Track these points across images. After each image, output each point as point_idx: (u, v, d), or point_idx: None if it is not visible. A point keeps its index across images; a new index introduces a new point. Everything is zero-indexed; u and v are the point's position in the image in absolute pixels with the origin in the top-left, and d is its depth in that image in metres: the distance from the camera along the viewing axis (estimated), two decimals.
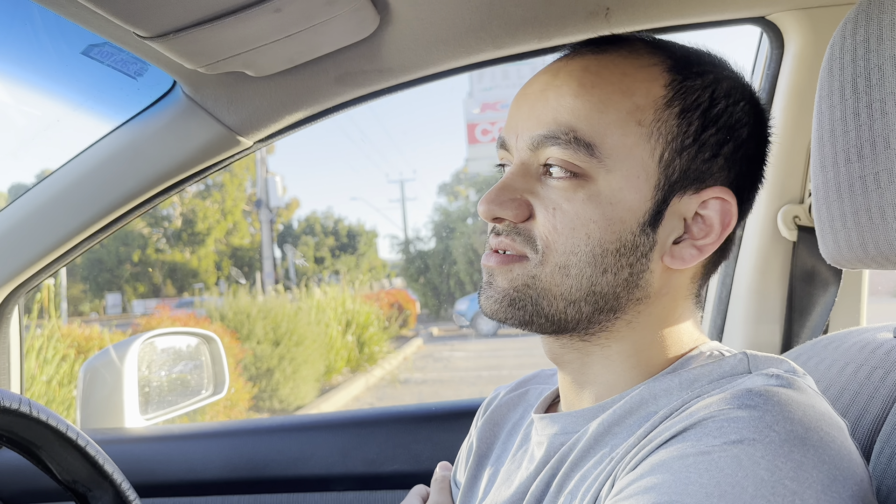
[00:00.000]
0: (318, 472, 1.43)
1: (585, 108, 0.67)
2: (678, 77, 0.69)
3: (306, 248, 22.95)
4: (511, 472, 0.77)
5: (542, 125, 0.69)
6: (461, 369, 10.60)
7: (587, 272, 0.67)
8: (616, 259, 0.67)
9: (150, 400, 1.70)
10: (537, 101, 0.71)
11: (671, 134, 0.68)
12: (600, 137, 0.66)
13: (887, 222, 0.63)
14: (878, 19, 0.62)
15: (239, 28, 0.93)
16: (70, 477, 0.95)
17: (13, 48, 1.58)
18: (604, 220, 0.67)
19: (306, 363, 8.51)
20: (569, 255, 0.67)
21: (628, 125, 0.67)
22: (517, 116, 0.72)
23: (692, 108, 0.68)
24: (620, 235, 0.67)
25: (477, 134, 21.79)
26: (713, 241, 0.69)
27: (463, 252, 17.64)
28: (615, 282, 0.68)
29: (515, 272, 0.69)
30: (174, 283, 20.18)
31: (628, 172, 0.67)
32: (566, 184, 0.67)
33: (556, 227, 0.67)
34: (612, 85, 0.68)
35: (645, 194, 0.67)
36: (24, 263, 1.36)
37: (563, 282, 0.68)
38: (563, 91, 0.69)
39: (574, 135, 0.66)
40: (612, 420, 0.66)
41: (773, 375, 0.60)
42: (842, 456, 0.53)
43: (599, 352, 0.71)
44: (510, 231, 0.70)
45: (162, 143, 1.25)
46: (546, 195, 0.68)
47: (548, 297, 0.68)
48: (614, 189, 0.67)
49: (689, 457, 0.53)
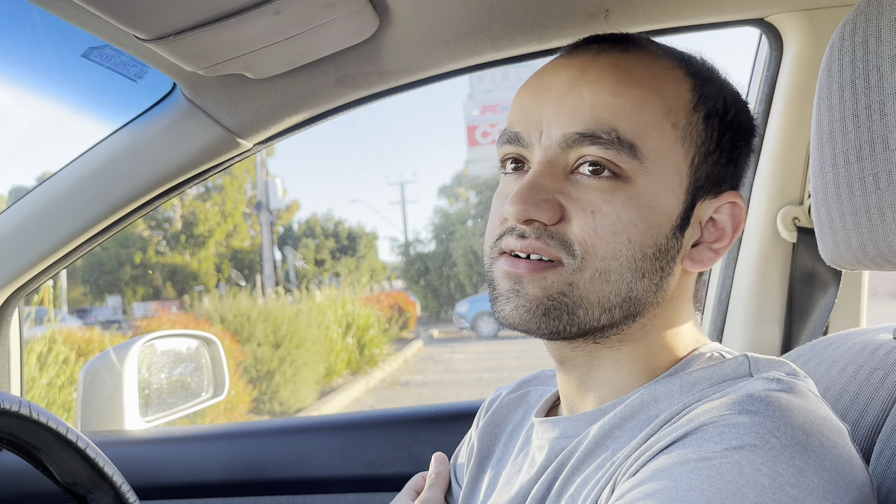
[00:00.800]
0: (318, 474, 1.42)
1: (625, 108, 0.65)
2: (698, 82, 0.70)
3: (306, 250, 22.94)
4: (512, 476, 0.77)
5: (577, 122, 0.65)
6: (461, 371, 10.59)
7: (627, 277, 0.65)
8: (652, 263, 0.66)
9: (150, 402, 1.70)
10: (567, 97, 0.67)
11: (700, 138, 0.68)
12: (641, 138, 0.65)
13: (886, 223, 0.63)
14: (877, 20, 0.62)
15: (239, 30, 0.93)
16: (70, 479, 0.95)
17: (14, 51, 1.59)
18: (644, 223, 0.65)
19: (306, 365, 8.51)
20: (610, 261, 0.65)
21: (664, 127, 0.66)
22: (539, 111, 0.68)
23: (713, 114, 0.69)
24: (657, 239, 0.66)
25: (477, 136, 21.80)
26: (726, 244, 0.70)
27: (463, 254, 17.63)
28: (649, 287, 0.67)
29: (550, 279, 0.65)
30: (174, 285, 20.17)
31: (665, 175, 0.66)
32: (605, 185, 0.65)
33: (596, 230, 0.64)
34: (647, 85, 0.67)
35: (678, 198, 0.67)
36: (25, 266, 1.36)
37: (603, 288, 0.65)
38: (599, 88, 0.66)
39: (616, 134, 0.64)
40: (613, 424, 0.66)
41: (773, 379, 0.60)
42: (843, 461, 0.53)
43: (610, 354, 0.70)
44: (541, 234, 0.66)
45: (162, 146, 1.25)
46: (581, 196, 0.65)
47: (584, 304, 0.65)
48: (652, 191, 0.66)
49: (690, 463, 0.52)
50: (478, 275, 16.70)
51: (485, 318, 13.51)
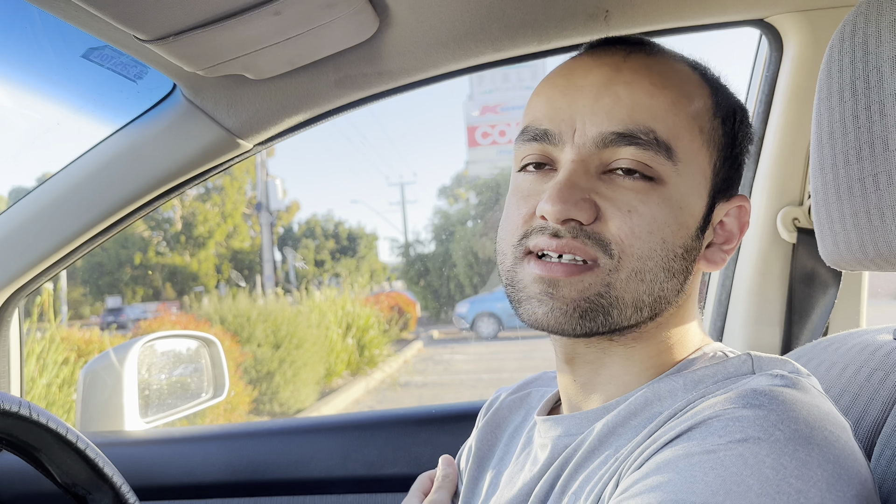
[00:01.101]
0: (318, 475, 1.42)
1: (661, 109, 0.66)
2: (713, 88, 0.71)
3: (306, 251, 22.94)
4: (514, 475, 0.77)
5: (615, 122, 0.65)
6: (461, 372, 10.58)
7: (660, 277, 0.66)
8: (680, 264, 0.67)
9: (149, 403, 1.70)
10: (602, 96, 0.66)
11: (721, 142, 0.70)
12: (675, 140, 0.66)
13: (886, 224, 0.63)
14: (877, 21, 0.63)
15: (238, 31, 0.93)
16: (70, 480, 0.95)
17: (14, 51, 1.59)
18: (676, 223, 0.66)
19: (306, 366, 8.51)
20: (645, 260, 0.65)
21: (693, 130, 0.68)
22: (571, 108, 0.67)
23: (729, 119, 0.71)
24: (685, 240, 0.67)
25: (477, 137, 21.79)
26: (733, 245, 0.72)
27: (463, 255, 17.62)
28: (675, 287, 0.68)
29: (587, 281, 0.65)
30: (174, 286, 20.17)
31: (693, 177, 0.67)
32: (641, 185, 0.65)
33: (633, 230, 0.64)
34: (678, 88, 0.68)
35: (703, 200, 0.69)
36: (25, 266, 1.36)
37: (638, 287, 0.65)
38: (636, 88, 0.66)
39: (654, 135, 0.65)
40: (617, 421, 0.66)
41: (777, 376, 0.60)
42: (846, 455, 0.53)
43: (622, 352, 0.70)
44: (578, 233, 0.65)
45: (162, 146, 1.25)
46: (616, 196, 0.65)
47: (619, 304, 0.65)
48: (683, 193, 0.67)
49: (695, 455, 0.53)
50: (478, 276, 16.68)
51: (485, 319, 13.49)
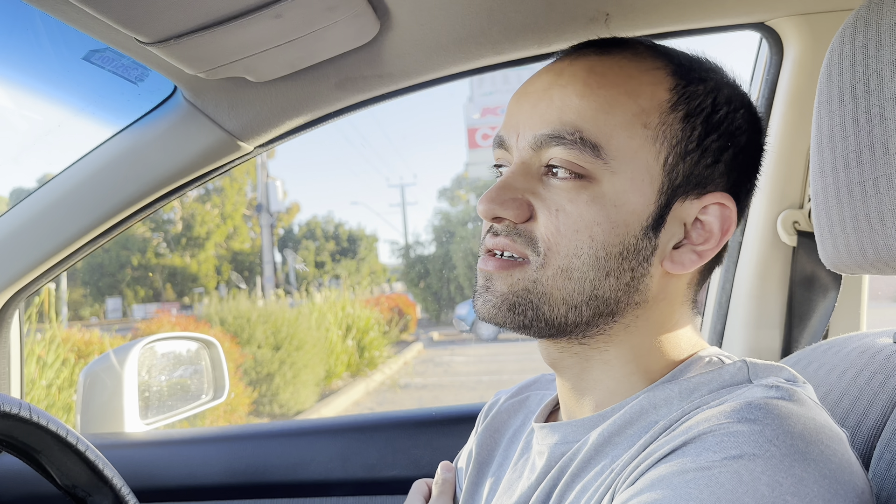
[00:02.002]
0: (317, 477, 1.42)
1: (591, 109, 0.67)
2: (682, 82, 0.69)
3: (307, 252, 22.94)
4: (512, 482, 0.77)
5: (545, 124, 0.68)
6: (461, 374, 10.58)
7: (590, 275, 0.66)
8: (619, 262, 0.67)
9: (150, 404, 1.70)
10: (540, 100, 0.69)
11: (675, 138, 0.68)
12: (606, 138, 0.66)
13: (886, 227, 0.63)
14: (877, 25, 0.63)
15: (239, 34, 0.93)
16: (70, 482, 0.95)
17: (15, 53, 1.59)
18: (608, 222, 0.66)
19: (306, 368, 8.50)
20: (571, 258, 0.66)
21: (634, 127, 0.67)
22: (517, 115, 0.71)
23: (695, 113, 0.69)
24: (624, 239, 0.67)
25: (477, 138, 21.82)
26: (713, 246, 0.69)
27: (463, 256, 17.62)
28: (617, 286, 0.67)
29: (515, 276, 0.68)
30: (174, 287, 20.17)
31: (633, 175, 0.67)
32: (570, 184, 0.66)
33: (559, 228, 0.66)
34: (618, 87, 0.68)
35: (648, 198, 0.67)
36: (25, 268, 1.36)
37: (565, 285, 0.67)
38: (569, 91, 0.68)
39: (580, 135, 0.66)
40: (613, 430, 0.66)
41: (772, 386, 0.60)
42: (842, 469, 0.52)
43: (598, 356, 0.70)
44: (510, 232, 0.68)
45: (162, 148, 1.25)
46: (548, 196, 0.67)
47: (549, 301, 0.67)
48: (619, 191, 0.66)
49: (689, 472, 0.52)
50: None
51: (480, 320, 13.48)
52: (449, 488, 0.90)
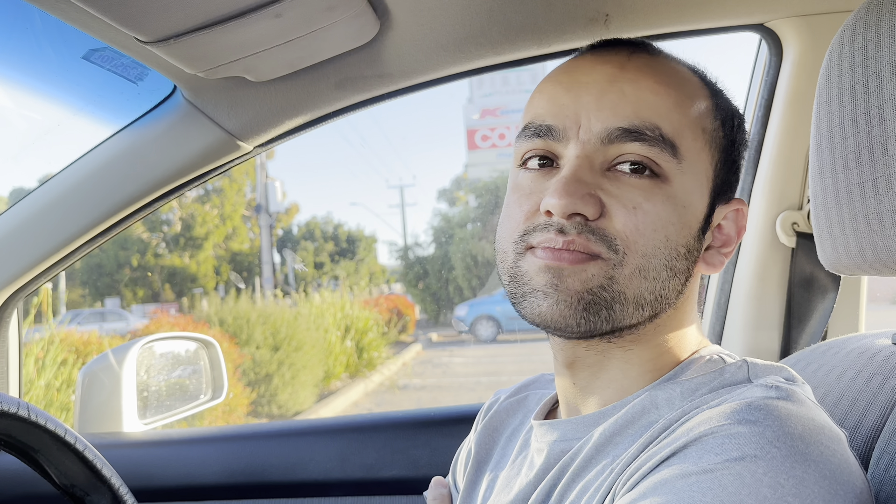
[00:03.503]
0: (316, 477, 1.42)
1: (665, 107, 0.66)
2: (713, 92, 0.72)
3: (306, 253, 22.93)
4: (510, 479, 0.77)
5: (620, 118, 0.65)
6: (460, 375, 10.57)
7: (663, 275, 0.66)
8: (682, 263, 0.67)
9: (148, 404, 1.70)
10: (608, 92, 0.66)
11: (721, 144, 0.70)
12: (679, 138, 0.66)
13: (885, 229, 0.63)
14: (877, 26, 0.63)
15: (239, 33, 0.93)
16: (68, 481, 0.94)
17: (14, 52, 1.59)
18: (679, 222, 0.66)
19: (305, 368, 8.50)
20: (649, 258, 0.65)
21: (696, 129, 0.68)
22: (574, 105, 0.67)
23: (727, 123, 0.71)
24: (687, 240, 0.67)
25: (477, 140, 21.80)
26: (731, 248, 0.72)
27: (462, 258, 17.61)
28: (676, 286, 0.68)
29: (590, 272, 0.64)
30: (173, 287, 20.15)
31: (696, 176, 0.67)
32: (646, 182, 0.65)
33: (637, 226, 0.64)
34: (681, 88, 0.68)
35: (704, 200, 0.69)
36: (24, 267, 1.36)
37: (640, 284, 0.65)
38: (641, 85, 0.66)
39: (660, 132, 0.65)
40: (614, 429, 0.66)
41: (772, 386, 0.60)
42: (842, 469, 0.53)
43: (621, 355, 0.69)
44: (583, 229, 0.64)
45: (162, 148, 1.25)
46: (620, 192, 0.65)
47: (621, 300, 0.65)
48: (686, 191, 0.67)
49: (692, 475, 0.52)
50: (477, 279, 16.68)
51: (483, 322, 13.49)
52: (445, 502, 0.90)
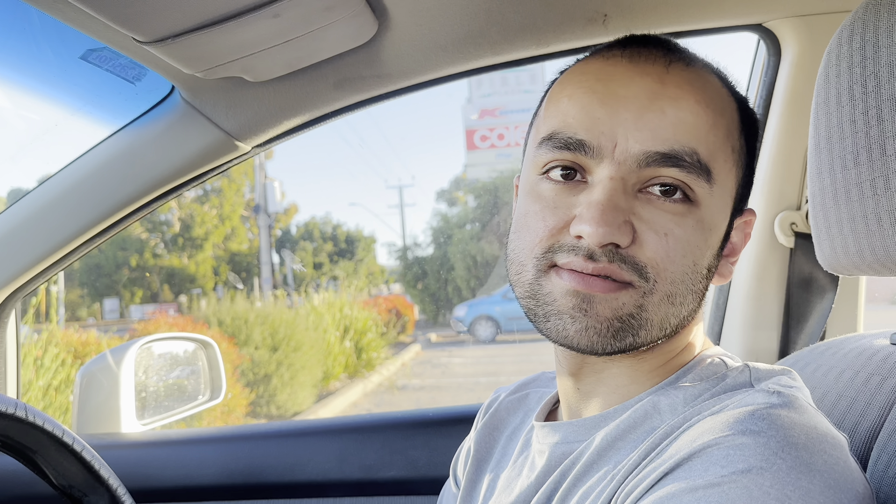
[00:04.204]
0: (314, 478, 1.42)
1: (703, 129, 0.63)
2: (739, 102, 0.69)
3: (304, 253, 22.91)
4: (511, 479, 0.76)
5: (659, 141, 0.62)
6: (459, 375, 10.57)
7: (688, 299, 0.65)
8: (705, 283, 0.66)
9: (146, 405, 1.70)
10: (648, 111, 0.63)
11: (744, 160, 0.68)
12: (714, 162, 0.63)
13: (884, 229, 0.63)
14: (875, 26, 0.63)
15: (237, 33, 0.93)
16: (66, 482, 0.94)
17: (12, 53, 1.58)
18: (705, 246, 0.65)
19: (304, 369, 8.49)
20: (678, 284, 0.63)
21: (728, 150, 0.65)
22: (612, 121, 0.63)
23: (750, 135, 0.69)
24: (710, 261, 0.66)
25: (476, 140, 21.79)
26: (738, 257, 0.72)
27: (461, 258, 17.61)
28: (697, 305, 0.67)
29: (622, 300, 0.62)
30: (172, 288, 20.13)
31: (723, 198, 0.66)
32: (678, 207, 0.63)
33: (668, 254, 0.62)
34: (715, 105, 0.65)
35: (727, 219, 0.68)
36: (22, 268, 1.36)
37: (667, 310, 0.64)
38: (682, 105, 0.63)
39: (697, 157, 0.62)
40: (616, 434, 0.65)
41: (773, 392, 0.60)
42: (845, 477, 0.53)
43: (631, 363, 0.69)
44: (614, 257, 0.62)
45: (160, 148, 1.25)
46: (651, 217, 0.62)
47: (648, 325, 0.63)
48: (713, 214, 0.65)
49: (699, 490, 0.52)
50: (476, 279, 16.67)
51: (483, 323, 13.48)
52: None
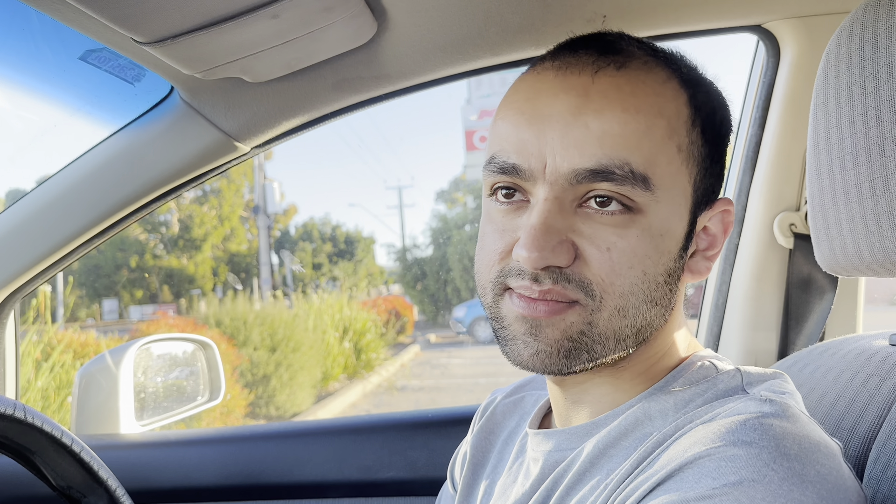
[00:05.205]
0: (313, 478, 1.42)
1: (634, 137, 0.61)
2: (691, 91, 0.66)
3: (304, 254, 22.90)
4: (507, 486, 0.76)
5: (587, 157, 0.61)
6: (458, 376, 10.57)
7: (642, 309, 0.64)
8: (664, 289, 0.65)
9: (145, 406, 1.69)
10: (571, 127, 0.62)
11: (700, 155, 0.66)
12: (652, 168, 0.62)
13: (883, 230, 0.63)
14: (874, 27, 0.63)
15: (236, 34, 0.93)
16: (65, 483, 0.94)
17: (11, 53, 1.58)
18: (656, 253, 0.63)
19: (303, 370, 8.49)
20: (627, 297, 0.62)
21: (670, 151, 0.63)
22: (538, 142, 0.63)
23: (708, 126, 0.67)
24: (667, 266, 0.64)
25: (475, 141, 21.79)
26: (718, 249, 0.70)
27: (460, 259, 17.62)
28: (660, 311, 0.65)
29: (569, 320, 0.62)
30: (171, 288, 20.12)
31: (673, 201, 0.64)
32: (618, 219, 0.62)
33: (612, 267, 0.61)
34: (650, 108, 0.63)
35: (684, 219, 0.66)
36: (21, 268, 1.36)
37: (620, 323, 0.63)
38: (607, 117, 0.61)
39: (630, 168, 0.61)
40: (608, 442, 0.65)
41: (766, 400, 0.59)
42: (838, 487, 0.53)
43: (610, 372, 0.69)
44: (558, 277, 0.62)
45: (159, 149, 1.25)
46: (592, 232, 0.62)
47: (601, 340, 0.63)
48: (662, 219, 0.63)
49: (690, 502, 0.52)
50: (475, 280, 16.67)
51: (482, 323, 13.49)
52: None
